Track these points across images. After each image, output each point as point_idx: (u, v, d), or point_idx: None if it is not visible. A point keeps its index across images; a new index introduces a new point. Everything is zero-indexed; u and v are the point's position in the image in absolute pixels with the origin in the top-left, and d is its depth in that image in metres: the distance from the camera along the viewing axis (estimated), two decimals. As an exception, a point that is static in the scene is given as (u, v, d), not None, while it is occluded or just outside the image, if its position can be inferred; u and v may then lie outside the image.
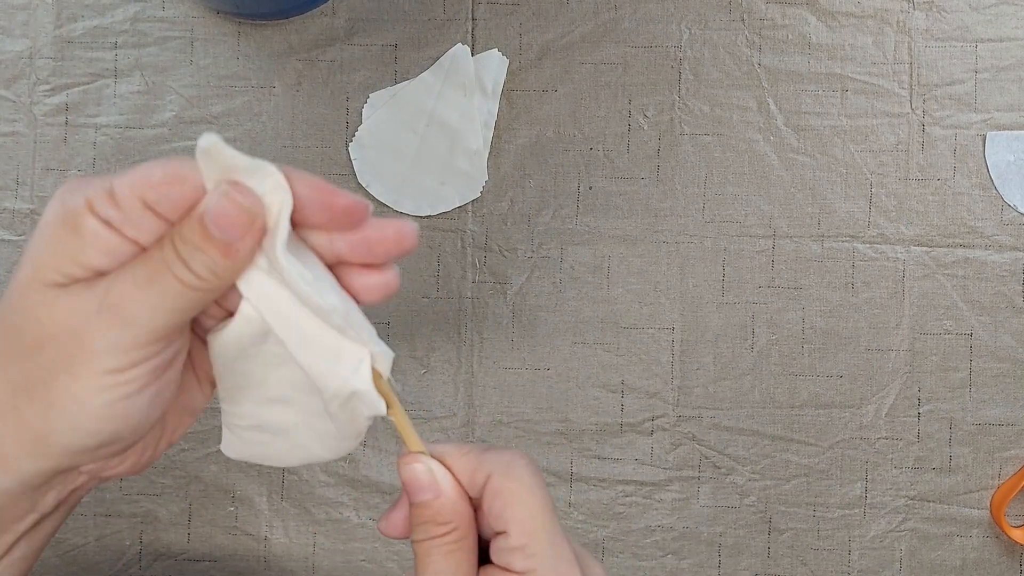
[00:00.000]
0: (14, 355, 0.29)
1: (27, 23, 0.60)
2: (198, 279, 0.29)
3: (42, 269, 0.29)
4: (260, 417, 0.34)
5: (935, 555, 0.59)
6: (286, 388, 0.33)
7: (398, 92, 0.60)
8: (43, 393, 0.29)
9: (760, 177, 0.59)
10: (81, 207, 0.29)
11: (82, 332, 0.28)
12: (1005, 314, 0.59)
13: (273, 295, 0.31)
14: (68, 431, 0.29)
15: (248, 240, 0.29)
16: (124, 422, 0.30)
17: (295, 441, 0.35)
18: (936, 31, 0.59)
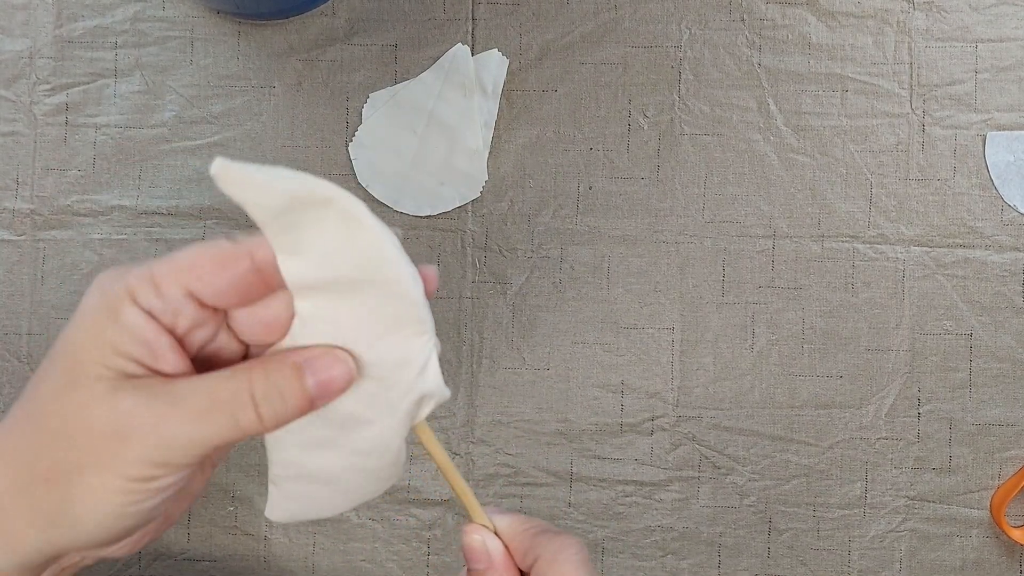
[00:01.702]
0: (42, 444, 0.29)
1: (27, 23, 0.60)
2: (258, 424, 0.29)
3: (88, 363, 0.29)
4: (304, 465, 0.34)
5: (935, 555, 0.59)
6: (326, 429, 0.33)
7: (398, 92, 0.60)
8: (64, 485, 0.29)
9: (760, 177, 0.59)
10: (122, 295, 0.29)
11: (121, 437, 0.28)
12: (1005, 314, 0.59)
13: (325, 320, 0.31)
14: (81, 524, 0.30)
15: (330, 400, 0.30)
16: (135, 521, 0.30)
17: (343, 486, 0.35)
18: (936, 31, 0.59)
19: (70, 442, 0.29)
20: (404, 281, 0.32)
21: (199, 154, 0.60)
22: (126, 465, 0.29)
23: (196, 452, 0.29)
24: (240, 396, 0.29)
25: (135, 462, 0.29)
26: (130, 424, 0.28)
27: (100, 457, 0.29)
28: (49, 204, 0.60)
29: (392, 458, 0.34)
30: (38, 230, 0.60)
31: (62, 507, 0.29)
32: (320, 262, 0.30)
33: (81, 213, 0.60)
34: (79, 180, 0.60)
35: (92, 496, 0.29)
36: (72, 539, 0.30)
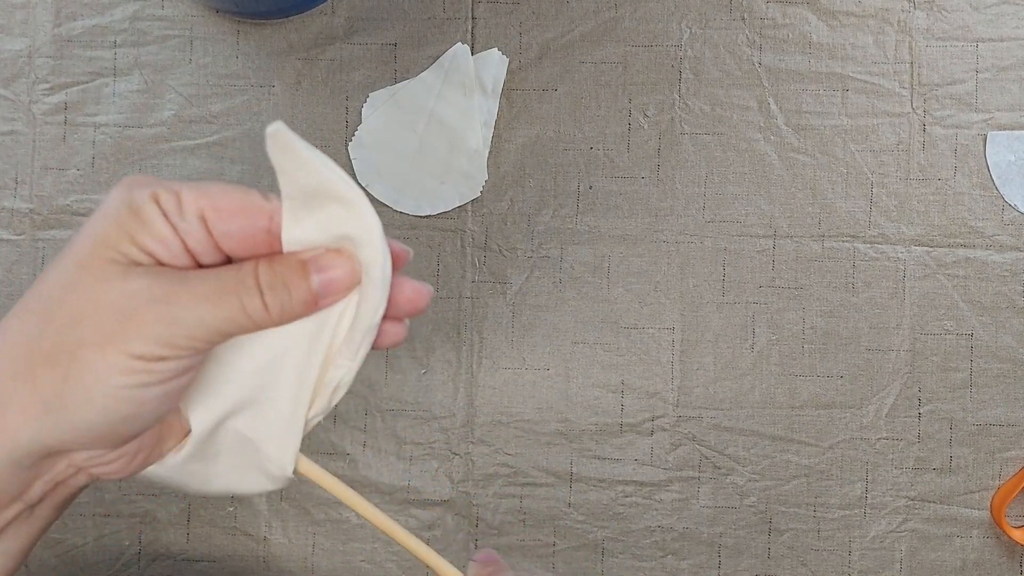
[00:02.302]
0: (48, 322, 0.29)
1: (26, 22, 0.60)
2: (264, 313, 0.30)
3: (103, 246, 0.29)
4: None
5: (935, 556, 0.58)
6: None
7: (398, 91, 0.59)
8: (66, 363, 0.29)
9: (760, 177, 0.59)
10: (147, 196, 0.30)
11: (127, 315, 0.29)
12: (1006, 314, 0.59)
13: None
14: (79, 404, 0.29)
15: (334, 300, 0.30)
16: (132, 408, 0.30)
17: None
18: (937, 31, 0.59)
19: (76, 319, 0.29)
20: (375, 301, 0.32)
21: (198, 153, 0.60)
22: (131, 341, 0.29)
23: (202, 335, 0.30)
24: (246, 281, 0.30)
25: (140, 338, 0.29)
26: (138, 301, 0.29)
27: (105, 333, 0.29)
28: (48, 203, 0.60)
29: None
30: (37, 229, 0.60)
31: (60, 388, 0.29)
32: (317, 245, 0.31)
33: (80, 213, 0.60)
34: (78, 179, 0.60)
35: (92, 374, 0.29)
36: (70, 422, 0.30)
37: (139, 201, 0.30)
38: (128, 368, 0.29)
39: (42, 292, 0.30)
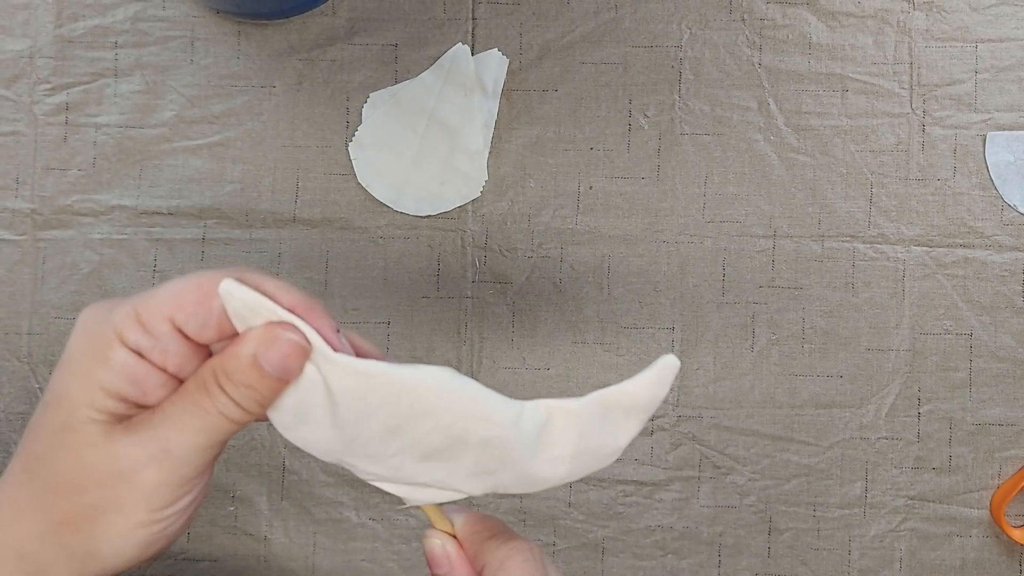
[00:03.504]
0: (53, 493, 0.30)
1: (28, 22, 0.60)
2: (246, 415, 0.31)
3: (79, 406, 0.29)
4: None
5: (935, 555, 0.59)
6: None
7: (398, 92, 0.60)
8: (87, 529, 0.30)
9: (760, 177, 0.59)
10: (110, 337, 0.30)
11: (131, 477, 0.29)
12: (1005, 314, 0.59)
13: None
14: (112, 557, 0.30)
15: (296, 373, 0.30)
16: (165, 544, 0.32)
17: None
18: (936, 31, 0.59)
19: (80, 487, 0.29)
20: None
21: (200, 154, 0.60)
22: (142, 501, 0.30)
23: (200, 461, 0.31)
24: (216, 399, 0.30)
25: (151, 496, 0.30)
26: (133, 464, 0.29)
27: (115, 499, 0.29)
28: (49, 204, 0.60)
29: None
30: (38, 230, 0.60)
31: (91, 548, 0.30)
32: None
33: (81, 213, 0.60)
34: (79, 180, 0.60)
35: (118, 535, 0.30)
36: (106, 568, 0.31)
37: (105, 349, 0.29)
38: (147, 521, 0.30)
39: (32, 462, 0.30)
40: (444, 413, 0.32)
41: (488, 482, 0.35)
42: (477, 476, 0.34)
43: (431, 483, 0.35)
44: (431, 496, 0.35)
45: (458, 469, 0.34)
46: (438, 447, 0.33)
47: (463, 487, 0.35)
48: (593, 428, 0.34)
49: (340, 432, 0.33)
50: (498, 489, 0.35)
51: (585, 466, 0.36)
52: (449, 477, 0.34)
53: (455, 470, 0.34)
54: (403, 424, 0.32)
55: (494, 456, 0.33)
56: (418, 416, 0.32)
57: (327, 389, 0.32)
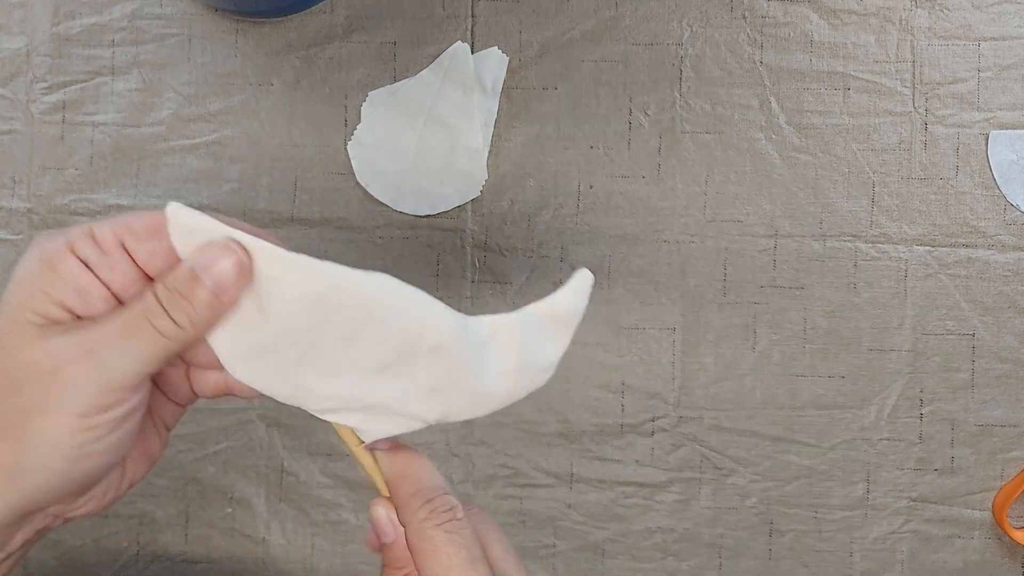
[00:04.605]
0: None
1: (24, 20, 0.60)
2: (178, 330, 0.30)
3: (20, 309, 0.30)
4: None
5: (937, 557, 0.58)
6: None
7: (397, 90, 0.59)
8: (18, 433, 0.30)
9: (762, 176, 0.59)
10: (62, 247, 0.31)
11: (59, 375, 0.30)
12: (1008, 314, 0.59)
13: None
14: (39, 470, 0.31)
15: (234, 291, 0.31)
16: (90, 463, 0.31)
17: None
18: (939, 29, 0.59)
19: (14, 388, 0.30)
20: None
21: (197, 153, 0.59)
22: (70, 403, 0.30)
23: (133, 371, 0.31)
24: (149, 307, 0.30)
25: (78, 397, 0.30)
26: (63, 360, 0.30)
27: (44, 399, 0.30)
28: (46, 203, 0.59)
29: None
30: (35, 229, 0.59)
31: (19, 458, 0.30)
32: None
33: (78, 212, 0.59)
34: (76, 179, 0.60)
35: (45, 442, 0.30)
36: (34, 486, 0.31)
37: (55, 257, 0.30)
38: (76, 428, 0.30)
39: None
40: (395, 316, 0.33)
41: (441, 402, 0.35)
42: (430, 395, 0.35)
43: (387, 402, 0.34)
44: (388, 427, 0.35)
45: (412, 386, 0.34)
46: (390, 357, 0.33)
47: (417, 409, 0.35)
48: (531, 341, 0.35)
49: (294, 349, 0.32)
50: (449, 415, 0.36)
51: (527, 381, 0.37)
52: (404, 395, 0.34)
53: (409, 387, 0.34)
54: (357, 331, 0.32)
55: (445, 369, 0.34)
56: (371, 321, 0.32)
57: (278, 305, 0.32)
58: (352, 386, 0.34)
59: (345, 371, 0.33)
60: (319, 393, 0.34)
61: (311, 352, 0.33)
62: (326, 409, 0.35)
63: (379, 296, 0.33)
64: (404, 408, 0.35)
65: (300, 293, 0.32)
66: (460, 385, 0.35)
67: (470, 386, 0.35)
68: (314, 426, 0.59)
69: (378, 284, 0.34)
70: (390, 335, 0.33)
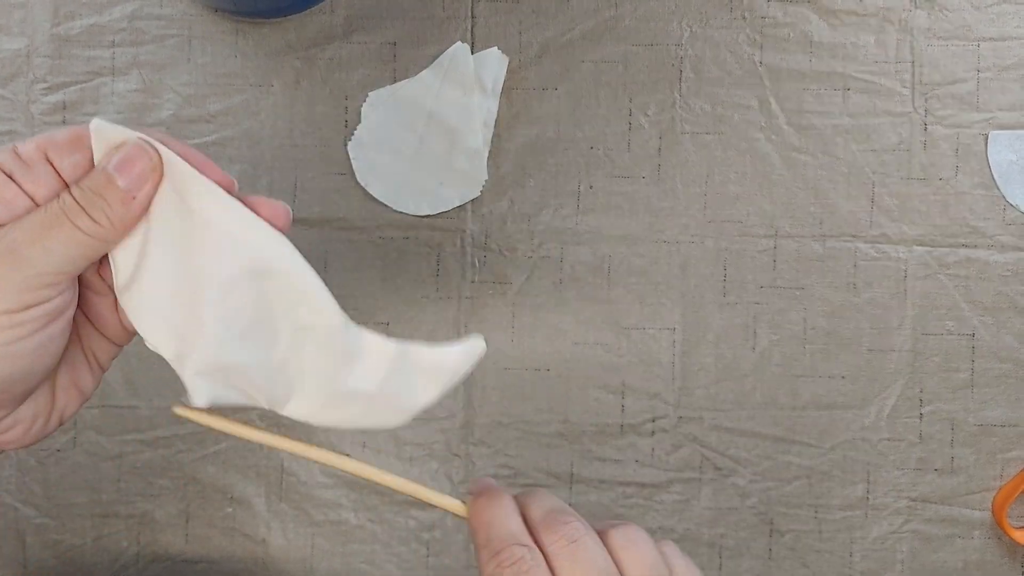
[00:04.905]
0: None
1: (24, 21, 0.60)
2: (96, 226, 0.32)
3: None
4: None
5: (937, 556, 0.58)
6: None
7: (397, 91, 0.59)
8: None
9: (762, 176, 0.59)
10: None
11: None
12: (1007, 314, 0.59)
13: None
14: None
15: (148, 189, 0.32)
16: (19, 363, 0.32)
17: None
18: (938, 30, 0.59)
19: None
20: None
21: (197, 153, 0.59)
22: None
23: (54, 267, 0.32)
24: (68, 204, 0.32)
25: (4, 291, 0.31)
26: None
27: None
28: (46, 203, 0.59)
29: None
30: (35, 230, 0.59)
31: None
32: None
33: (78, 212, 0.59)
34: (76, 179, 0.60)
35: None
36: None
37: None
38: (2, 325, 0.31)
39: None
40: (279, 283, 0.33)
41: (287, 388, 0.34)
42: (279, 375, 0.34)
43: (240, 368, 0.34)
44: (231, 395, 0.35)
45: (267, 360, 0.34)
46: (258, 320, 0.33)
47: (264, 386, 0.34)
48: (401, 375, 0.34)
49: (179, 286, 0.33)
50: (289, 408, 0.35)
51: (380, 412, 0.35)
52: (257, 367, 0.34)
53: (264, 361, 0.34)
54: (240, 281, 0.33)
55: (307, 353, 0.34)
56: (254, 277, 0.33)
57: (181, 242, 0.33)
58: (211, 339, 0.33)
59: (212, 321, 0.33)
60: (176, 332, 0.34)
61: (180, 288, 0.33)
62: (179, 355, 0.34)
63: (271, 254, 0.33)
64: (252, 380, 0.35)
65: (189, 223, 0.33)
66: (314, 380, 0.34)
67: (321, 386, 0.34)
68: (314, 426, 0.59)
69: (274, 241, 0.33)
70: (269, 296, 0.33)
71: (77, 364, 0.37)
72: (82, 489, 0.59)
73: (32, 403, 0.35)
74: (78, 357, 0.37)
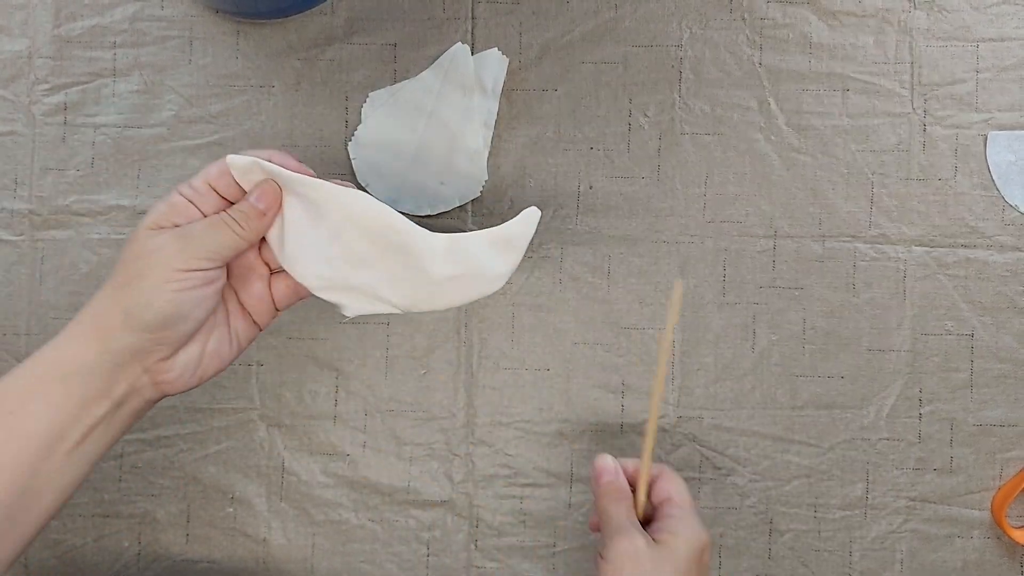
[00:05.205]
0: (121, 266, 0.47)
1: (26, 22, 0.60)
2: (243, 230, 0.47)
3: (148, 225, 0.47)
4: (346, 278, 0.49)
5: (936, 556, 0.58)
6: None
7: (397, 91, 0.59)
8: (135, 284, 0.46)
9: (761, 177, 0.59)
10: (175, 192, 0.47)
11: (163, 249, 0.46)
12: (1006, 314, 0.59)
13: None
14: (148, 305, 0.45)
15: (274, 209, 0.49)
16: (180, 308, 0.46)
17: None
18: (937, 31, 0.59)
19: (135, 258, 0.46)
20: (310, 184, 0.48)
21: (198, 154, 0.60)
22: (171, 262, 0.46)
23: (211, 251, 0.47)
24: (225, 218, 0.48)
25: (176, 259, 0.46)
26: (167, 241, 0.46)
27: (153, 262, 0.46)
28: (48, 204, 0.60)
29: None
30: (36, 230, 0.60)
31: (135, 299, 0.46)
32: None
33: (80, 213, 0.60)
34: (78, 180, 0.60)
35: (152, 286, 0.46)
36: (140, 319, 0.45)
37: (172, 198, 0.47)
38: (172, 278, 0.46)
39: (121, 255, 0.47)
40: (362, 219, 0.46)
41: (405, 291, 0.47)
42: (394, 283, 0.47)
43: (363, 286, 0.48)
44: (364, 306, 0.48)
45: (381, 275, 0.47)
46: (363, 254, 0.47)
47: (386, 294, 0.47)
48: (482, 254, 0.46)
49: (307, 242, 0.48)
50: (415, 305, 0.48)
51: (476, 287, 0.48)
52: (375, 282, 0.47)
53: (380, 276, 0.47)
54: (337, 229, 0.47)
55: (402, 264, 0.46)
56: (345, 220, 0.47)
57: (297, 211, 0.48)
58: (337, 270, 0.47)
59: (334, 259, 0.47)
60: (315, 273, 0.48)
61: (313, 242, 0.48)
62: (322, 287, 0.48)
63: (354, 205, 0.47)
64: (376, 292, 0.48)
65: (306, 203, 0.47)
66: (418, 279, 0.46)
67: (426, 281, 0.46)
68: (315, 426, 0.60)
69: (354, 197, 0.47)
70: (363, 235, 0.47)
71: (222, 336, 0.50)
72: (83, 489, 0.59)
73: (185, 354, 0.48)
74: (224, 332, 0.50)
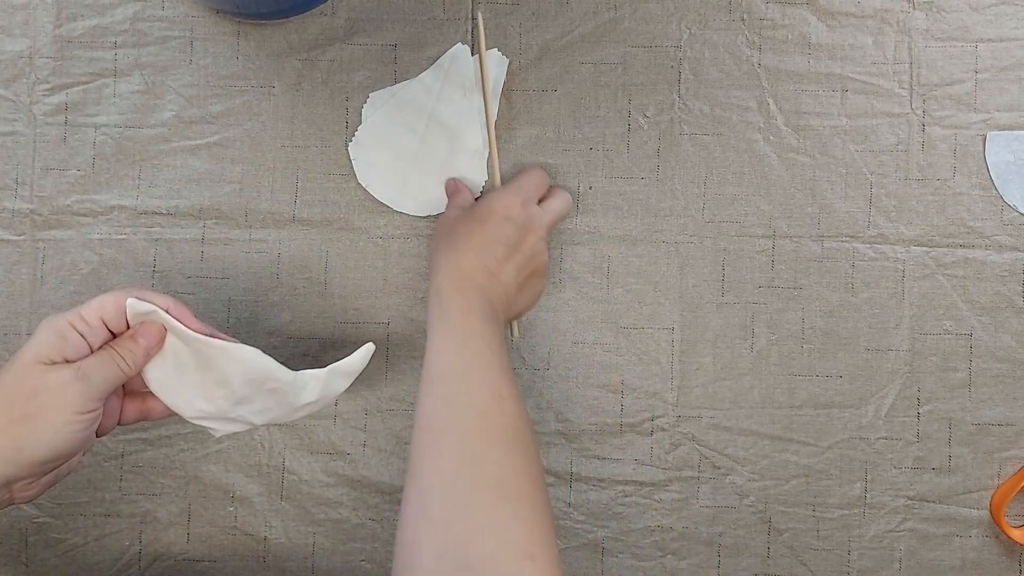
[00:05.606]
0: (13, 399, 0.48)
1: (27, 22, 0.60)
2: (127, 365, 0.50)
3: (40, 356, 0.48)
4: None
5: (934, 555, 0.59)
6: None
7: (398, 92, 0.60)
8: (32, 423, 0.47)
9: (760, 177, 0.59)
10: (66, 324, 0.49)
11: (64, 391, 0.48)
12: (1005, 314, 0.59)
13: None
14: (40, 444, 0.47)
15: (155, 347, 0.51)
16: (72, 446, 0.48)
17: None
18: (936, 31, 0.59)
19: (32, 395, 0.48)
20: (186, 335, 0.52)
21: (199, 154, 0.60)
22: (72, 404, 0.48)
23: (105, 389, 0.49)
24: (114, 356, 0.50)
25: (76, 402, 0.48)
26: (66, 382, 0.48)
27: (55, 403, 0.48)
28: (49, 204, 0.60)
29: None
30: (38, 230, 0.60)
31: (32, 435, 0.47)
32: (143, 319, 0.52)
33: (81, 213, 0.60)
34: (79, 180, 0.60)
35: (50, 427, 0.47)
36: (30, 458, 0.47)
37: (64, 330, 0.49)
38: (73, 420, 0.48)
39: (3, 382, 0.48)
40: (250, 372, 0.52)
41: (271, 417, 0.53)
42: (265, 412, 0.53)
43: (236, 417, 0.53)
44: (234, 428, 0.53)
45: (253, 409, 0.53)
46: (244, 395, 0.52)
47: (254, 420, 0.53)
48: (328, 383, 0.53)
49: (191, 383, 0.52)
50: (274, 421, 0.54)
51: (325, 403, 0.54)
52: (248, 414, 0.53)
53: (251, 410, 0.53)
54: (226, 377, 0.52)
55: (275, 400, 0.53)
56: (236, 373, 0.52)
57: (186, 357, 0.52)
58: (218, 407, 0.52)
59: (218, 399, 0.52)
60: (194, 406, 0.52)
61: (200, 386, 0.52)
62: (197, 417, 0.53)
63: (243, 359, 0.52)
64: (246, 419, 0.53)
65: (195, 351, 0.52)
66: (283, 408, 0.53)
67: (290, 409, 0.53)
68: (315, 425, 0.60)
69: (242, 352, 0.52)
70: (246, 382, 0.52)
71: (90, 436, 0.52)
72: (84, 488, 0.59)
73: (50, 476, 0.50)
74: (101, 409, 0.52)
